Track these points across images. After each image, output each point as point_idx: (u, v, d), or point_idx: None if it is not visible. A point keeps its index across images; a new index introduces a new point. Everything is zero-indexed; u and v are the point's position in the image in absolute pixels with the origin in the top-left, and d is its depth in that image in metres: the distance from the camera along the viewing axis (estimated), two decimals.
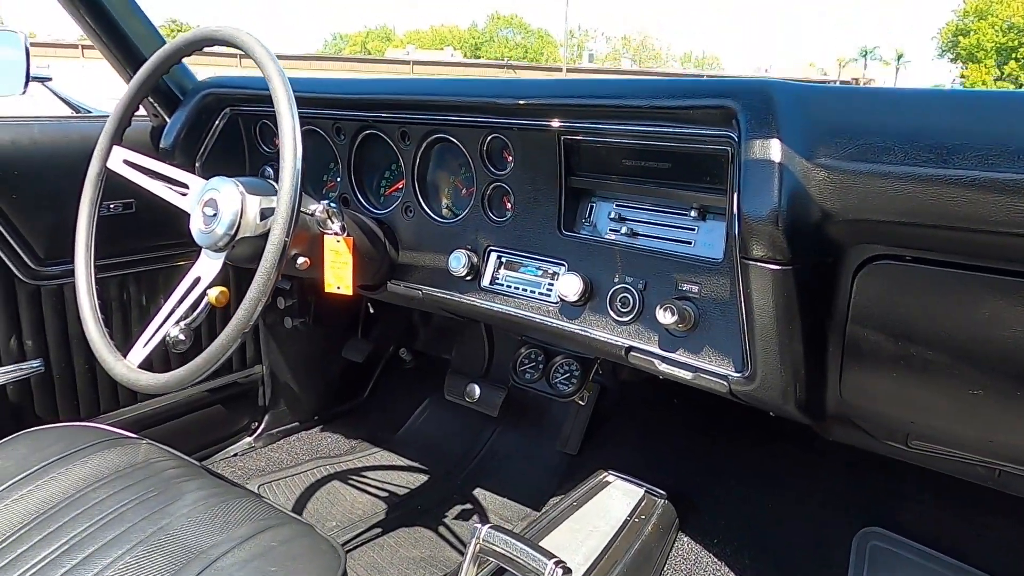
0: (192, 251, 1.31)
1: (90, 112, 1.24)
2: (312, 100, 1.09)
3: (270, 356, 1.57)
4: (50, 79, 1.20)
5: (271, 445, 1.60)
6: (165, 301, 1.33)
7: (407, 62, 41.28)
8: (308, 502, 1.45)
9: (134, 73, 1.15)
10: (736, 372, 0.77)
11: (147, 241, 1.25)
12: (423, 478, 1.56)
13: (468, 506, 1.47)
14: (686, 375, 0.82)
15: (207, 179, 0.92)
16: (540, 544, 0.75)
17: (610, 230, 0.93)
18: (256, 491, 1.44)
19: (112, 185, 0.95)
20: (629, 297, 0.86)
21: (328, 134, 1.14)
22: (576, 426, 1.50)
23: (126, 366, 0.87)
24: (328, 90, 1.09)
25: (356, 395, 1.81)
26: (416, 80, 1.02)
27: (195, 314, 0.89)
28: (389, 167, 1.17)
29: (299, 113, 0.77)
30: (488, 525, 0.78)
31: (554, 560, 0.72)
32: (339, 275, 0.96)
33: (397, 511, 1.44)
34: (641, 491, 1.16)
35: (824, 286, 0.69)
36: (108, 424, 1.29)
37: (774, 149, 0.65)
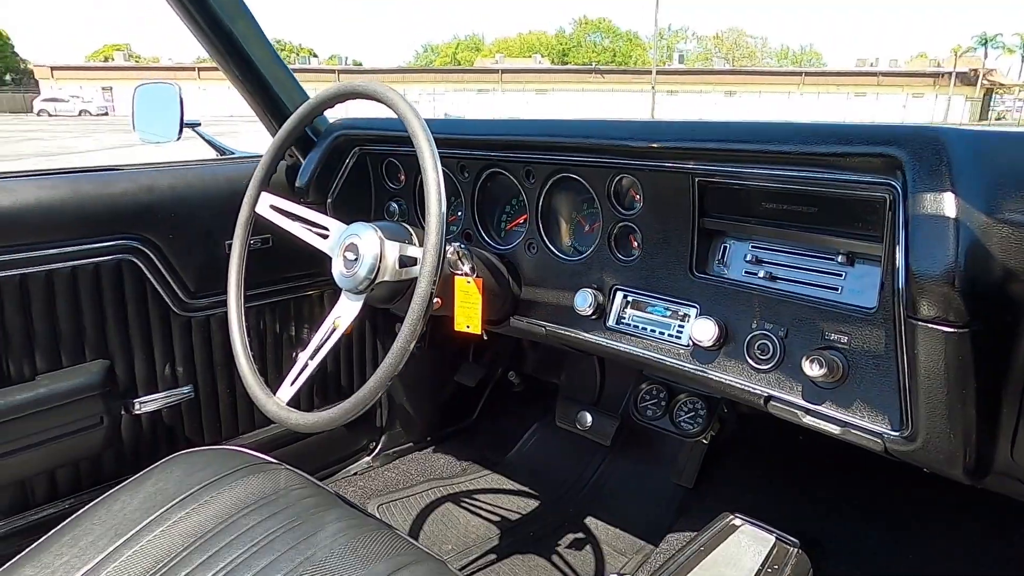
0: (322, 280, 1.39)
1: (233, 154, 1.32)
2: (440, 141, 1.12)
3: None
4: (199, 124, 1.29)
5: (387, 465, 1.65)
6: (298, 328, 1.41)
7: (496, 70, 41.88)
8: (424, 524, 1.49)
9: (275, 121, 1.23)
10: (893, 431, 0.73)
11: (283, 273, 1.33)
12: (534, 504, 1.57)
13: (581, 535, 1.46)
14: (834, 429, 0.78)
15: (342, 219, 0.96)
16: None
17: (746, 272, 0.90)
18: (377, 512, 1.50)
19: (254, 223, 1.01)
20: (769, 344, 0.83)
21: (452, 171, 1.17)
22: (692, 458, 1.46)
23: (276, 403, 0.92)
24: (455, 131, 1.11)
25: (466, 416, 1.84)
26: (543, 121, 1.03)
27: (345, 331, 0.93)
28: (510, 202, 1.18)
29: None
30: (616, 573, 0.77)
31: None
32: (469, 315, 0.98)
33: (510, 537, 1.45)
34: (772, 538, 1.11)
35: (1002, 346, 0.64)
36: (245, 444, 1.37)
37: (948, 203, 0.61)
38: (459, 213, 1.21)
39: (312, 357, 0.93)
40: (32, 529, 1.09)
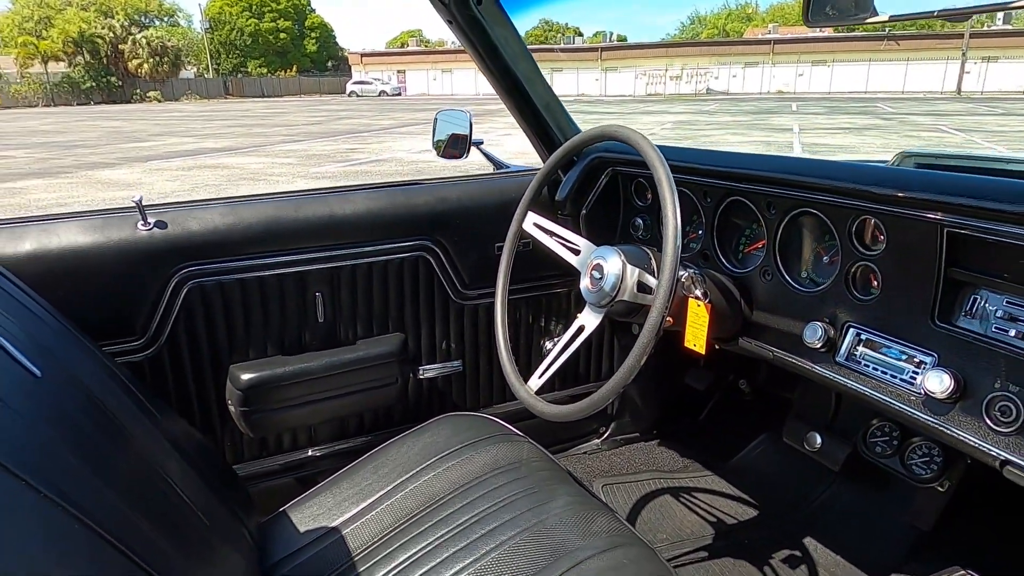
0: (565, 280, 1.58)
1: (508, 168, 1.55)
2: (685, 168, 1.21)
3: None
4: (481, 142, 1.53)
5: (614, 450, 1.81)
6: (547, 320, 1.61)
7: (767, 41, 38.93)
8: (643, 510, 1.62)
9: (545, 147, 1.42)
10: None
11: (539, 272, 1.53)
12: (752, 512, 1.60)
13: (797, 553, 1.47)
14: None
15: (592, 231, 1.11)
16: None
17: (995, 328, 0.86)
18: (601, 492, 1.67)
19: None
20: (1011, 407, 0.80)
21: (695, 195, 1.26)
22: (934, 501, 1.38)
23: (527, 391, 1.11)
24: (701, 161, 1.20)
25: (693, 416, 1.92)
26: (785, 159, 1.07)
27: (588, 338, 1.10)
28: (750, 226, 1.23)
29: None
30: None
31: None
32: (696, 335, 1.08)
33: (723, 540, 1.51)
34: None
35: None
36: (497, 412, 1.61)
37: None
38: (700, 232, 1.29)
39: (560, 355, 1.11)
40: (346, 454, 1.45)
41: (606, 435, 1.82)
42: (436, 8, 1.24)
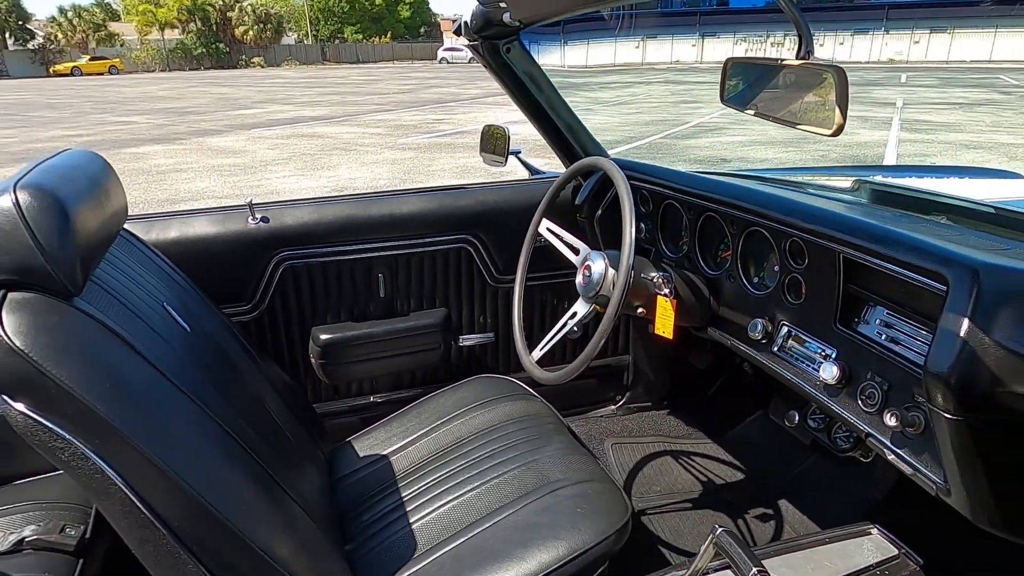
0: (571, 274, 1.87)
1: (542, 175, 1.85)
2: (674, 187, 1.48)
3: (636, 350, 2.06)
4: (519, 152, 1.84)
5: (627, 416, 2.11)
6: (556, 303, 1.91)
7: (881, 6, 36.37)
8: (645, 467, 1.92)
9: (567, 158, 1.71)
10: (942, 482, 0.93)
11: (550, 265, 1.82)
12: (739, 476, 1.87)
13: (769, 512, 1.73)
14: (906, 469, 0.99)
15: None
16: (763, 561, 1.05)
17: (876, 332, 1.10)
18: (611, 449, 1.97)
19: None
20: (875, 393, 1.05)
21: (683, 208, 1.52)
22: (882, 472, 1.61)
23: (529, 360, 1.43)
24: (684, 184, 1.46)
25: (703, 392, 2.18)
26: (735, 186, 1.33)
27: (583, 320, 1.39)
28: (725, 238, 1.49)
29: (663, 192, 1.17)
30: (724, 529, 1.11)
31: (758, 569, 1.02)
32: (664, 324, 1.36)
33: (709, 496, 1.79)
34: (896, 551, 1.28)
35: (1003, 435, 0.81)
36: (520, 377, 1.94)
37: (964, 323, 0.81)
38: (686, 239, 1.56)
39: (556, 334, 1.42)
40: (397, 402, 1.82)
41: (621, 403, 2.12)
42: (471, 52, 1.55)
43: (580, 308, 1.39)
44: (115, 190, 1.11)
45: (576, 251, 1.44)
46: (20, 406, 0.80)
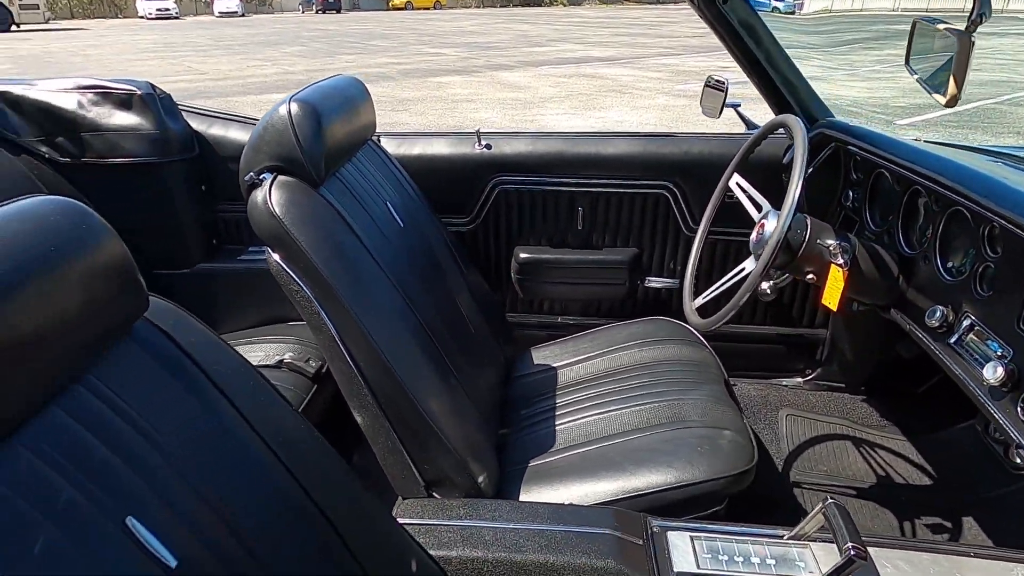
0: (740, 233, 1.80)
1: (756, 128, 1.80)
2: (884, 156, 1.39)
3: (835, 326, 1.95)
4: (739, 104, 1.82)
5: (813, 392, 2.02)
6: (733, 262, 1.89)
7: None
8: (816, 444, 1.85)
9: (779, 109, 1.67)
10: None
11: (736, 221, 1.79)
12: (925, 480, 1.72)
13: (946, 524, 1.59)
14: None
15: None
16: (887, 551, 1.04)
17: None
18: (785, 420, 1.94)
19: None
20: None
21: (891, 180, 1.41)
22: None
23: (690, 306, 1.50)
24: (894, 152, 1.36)
25: (909, 385, 1.99)
26: (950, 162, 1.20)
27: (775, 284, 1.41)
28: (929, 215, 1.36)
29: (875, 160, 1.17)
30: (834, 501, 1.11)
31: (853, 544, 1.02)
32: (831, 295, 1.33)
33: (880, 490, 1.68)
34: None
35: None
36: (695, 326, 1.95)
37: None
38: (889, 218, 1.45)
39: (720, 287, 1.46)
40: (578, 326, 1.97)
41: (810, 377, 2.04)
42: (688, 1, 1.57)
43: (749, 265, 1.41)
44: (366, 109, 1.43)
45: (759, 208, 1.44)
46: (276, 256, 1.14)
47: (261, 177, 1.15)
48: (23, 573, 0.48)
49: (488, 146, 1.84)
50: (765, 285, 1.39)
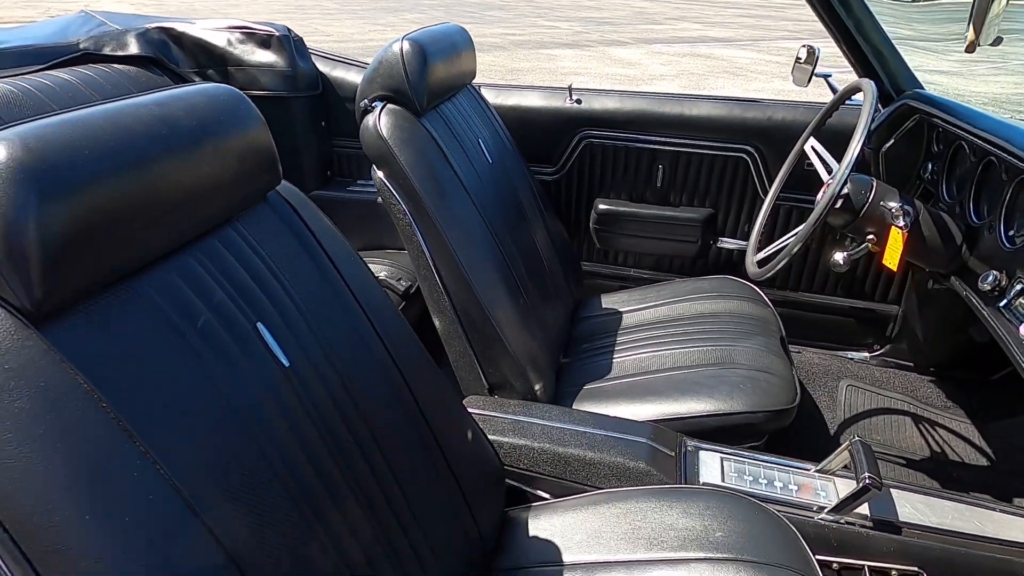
0: (804, 198, 1.82)
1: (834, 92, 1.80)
2: (959, 126, 1.41)
3: (908, 303, 1.96)
4: (829, 75, 1.85)
5: (880, 368, 2.04)
6: (786, 226, 1.92)
7: None
8: (873, 416, 1.88)
9: (864, 72, 1.68)
10: None
11: (812, 189, 1.81)
12: (983, 462, 1.73)
13: (991, 509, 1.60)
14: None
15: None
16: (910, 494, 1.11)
17: None
18: (845, 391, 1.97)
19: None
20: None
21: (969, 151, 1.43)
22: None
23: (752, 258, 1.58)
24: (968, 120, 1.38)
25: (983, 371, 1.96)
26: (1018, 130, 1.22)
27: (848, 255, 1.46)
28: (1001, 185, 1.37)
29: (955, 132, 1.28)
30: (860, 440, 1.19)
31: (869, 475, 1.10)
32: (891, 256, 1.38)
33: (931, 464, 1.70)
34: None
35: None
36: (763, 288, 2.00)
37: None
38: (964, 188, 1.46)
39: (783, 243, 1.53)
40: (648, 280, 2.09)
41: (878, 352, 2.05)
42: None
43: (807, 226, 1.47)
44: (468, 56, 1.60)
45: (830, 171, 1.50)
46: (380, 174, 1.34)
47: (373, 104, 1.34)
48: (194, 341, 0.68)
49: (579, 101, 1.97)
50: (839, 256, 1.45)
